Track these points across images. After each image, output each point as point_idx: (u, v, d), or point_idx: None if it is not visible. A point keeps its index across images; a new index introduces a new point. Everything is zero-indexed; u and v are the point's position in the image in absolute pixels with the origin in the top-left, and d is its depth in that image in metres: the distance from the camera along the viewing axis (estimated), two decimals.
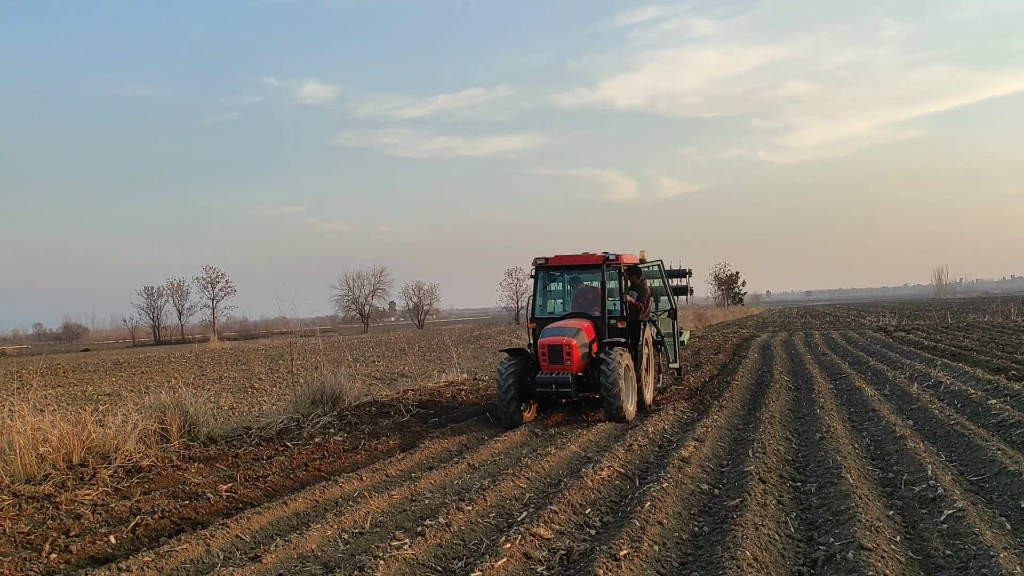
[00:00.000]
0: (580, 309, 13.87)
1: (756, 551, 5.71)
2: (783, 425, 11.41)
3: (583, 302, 13.99)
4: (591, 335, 13.05)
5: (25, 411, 9.91)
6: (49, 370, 35.35)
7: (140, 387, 22.86)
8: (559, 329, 12.83)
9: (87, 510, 7.88)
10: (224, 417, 13.42)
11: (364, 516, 7.39)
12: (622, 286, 13.89)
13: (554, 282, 14.60)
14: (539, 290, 14.31)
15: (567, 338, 12.47)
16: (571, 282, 14.45)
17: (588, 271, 14.11)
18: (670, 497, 7.38)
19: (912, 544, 6.07)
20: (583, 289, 14.25)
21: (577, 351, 12.44)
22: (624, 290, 13.88)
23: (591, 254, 13.73)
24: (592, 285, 14.11)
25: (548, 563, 5.97)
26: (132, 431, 10.51)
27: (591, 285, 14.16)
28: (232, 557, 6.44)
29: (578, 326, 12.86)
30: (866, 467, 8.62)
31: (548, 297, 14.55)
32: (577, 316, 13.55)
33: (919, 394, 13.28)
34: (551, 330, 12.91)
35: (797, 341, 31.79)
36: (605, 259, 13.49)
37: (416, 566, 5.89)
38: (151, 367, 35.99)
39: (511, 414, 12.54)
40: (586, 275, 14.26)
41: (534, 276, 14.29)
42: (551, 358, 12.52)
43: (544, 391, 12.56)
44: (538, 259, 14.11)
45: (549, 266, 14.10)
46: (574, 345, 12.41)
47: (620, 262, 13.69)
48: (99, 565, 6.34)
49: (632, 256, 14.43)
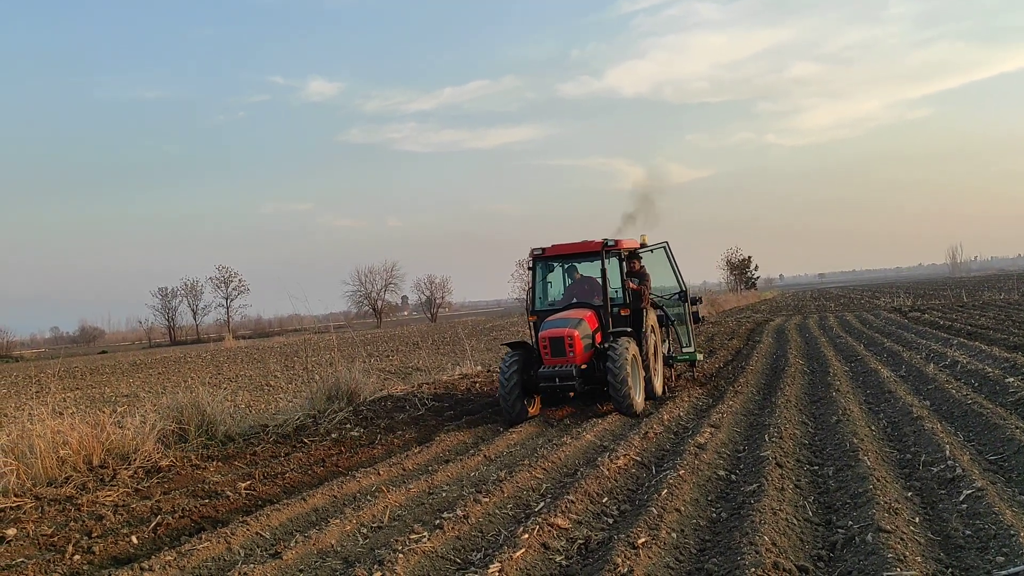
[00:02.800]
0: (581, 299, 13.44)
1: (774, 536, 5.71)
2: (799, 409, 11.38)
3: (584, 292, 13.55)
4: (594, 325, 12.61)
5: (45, 414, 10.01)
6: (67, 373, 35.65)
7: (157, 388, 23.02)
8: (560, 320, 12.38)
9: (108, 511, 7.95)
10: (241, 415, 13.50)
11: (382, 510, 7.42)
12: (623, 272, 13.38)
13: (553, 272, 14.17)
14: (538, 281, 13.86)
15: (568, 329, 11.97)
16: (570, 272, 14.02)
17: (587, 259, 13.59)
18: (687, 484, 7.38)
19: (931, 525, 6.05)
20: (583, 278, 13.84)
21: (580, 342, 11.96)
22: (625, 276, 13.39)
23: (589, 241, 13.21)
24: (591, 276, 13.69)
25: (567, 553, 5.98)
26: (151, 432, 10.59)
27: (590, 275, 13.75)
28: (253, 554, 6.49)
29: (580, 316, 12.41)
30: (883, 449, 8.59)
31: (548, 288, 14.13)
32: (579, 306, 13.09)
33: (935, 374, 13.21)
34: (552, 322, 12.46)
35: (811, 324, 31.66)
36: (604, 245, 12.94)
37: (435, 558, 5.92)
38: (167, 367, 36.23)
39: (516, 410, 12.05)
40: (585, 263, 13.79)
41: (532, 267, 13.81)
42: (553, 351, 11.98)
43: (548, 385, 11.97)
44: (535, 249, 13.59)
45: (547, 256, 13.61)
46: (576, 336, 11.91)
47: (620, 248, 13.23)
48: (122, 565, 6.40)
49: (632, 241, 14.00)
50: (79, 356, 70.67)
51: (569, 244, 13.42)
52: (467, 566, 5.83)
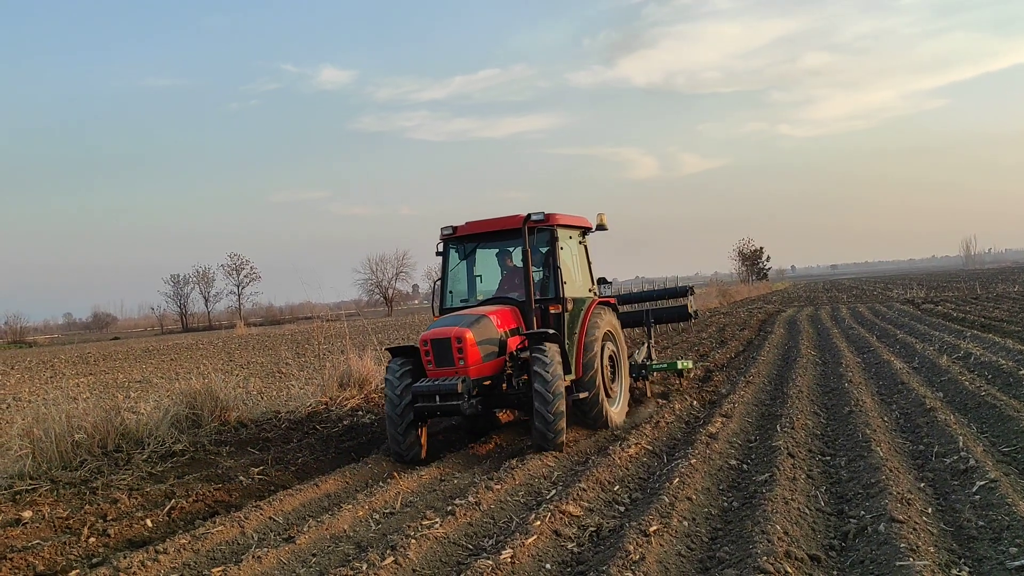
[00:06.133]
0: (505, 293, 10.54)
1: (786, 525, 5.71)
2: (811, 399, 11.35)
3: (516, 285, 10.44)
4: (508, 324, 9.63)
5: (59, 399, 10.08)
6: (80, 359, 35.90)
7: (170, 373, 23.14)
8: (452, 318, 9.46)
9: (123, 495, 8.02)
10: (253, 402, 13.56)
11: (394, 496, 7.46)
12: (556, 257, 10.06)
13: (475, 259, 11.02)
14: (449, 271, 10.72)
15: (458, 329, 8.92)
16: (502, 258, 10.92)
17: (507, 240, 10.59)
18: (698, 473, 7.38)
19: (944, 516, 6.04)
20: (517, 268, 10.62)
21: (475, 348, 8.93)
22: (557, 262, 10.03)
23: (510, 216, 10.22)
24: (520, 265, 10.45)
25: (578, 540, 6.00)
26: (164, 417, 10.66)
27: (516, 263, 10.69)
28: (266, 538, 6.53)
29: (481, 313, 9.42)
30: (896, 440, 8.56)
31: (476, 282, 11.05)
32: (497, 302, 10.20)
33: (949, 366, 13.15)
34: (443, 320, 9.62)
35: (823, 315, 31.53)
36: (526, 220, 9.88)
37: (447, 544, 5.95)
38: (180, 354, 36.43)
39: (408, 442, 9.02)
40: (507, 246, 10.77)
41: (442, 252, 10.72)
42: (437, 358, 8.99)
43: (424, 406, 8.82)
44: (446, 228, 10.58)
45: (460, 236, 10.57)
46: (468, 338, 8.85)
47: (552, 223, 10.09)
48: (137, 548, 6.47)
49: (575, 217, 10.94)
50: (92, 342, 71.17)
51: (488, 220, 10.47)
52: (479, 552, 5.86)
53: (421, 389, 8.80)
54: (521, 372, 9.28)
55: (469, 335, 8.90)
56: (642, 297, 17.64)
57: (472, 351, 8.90)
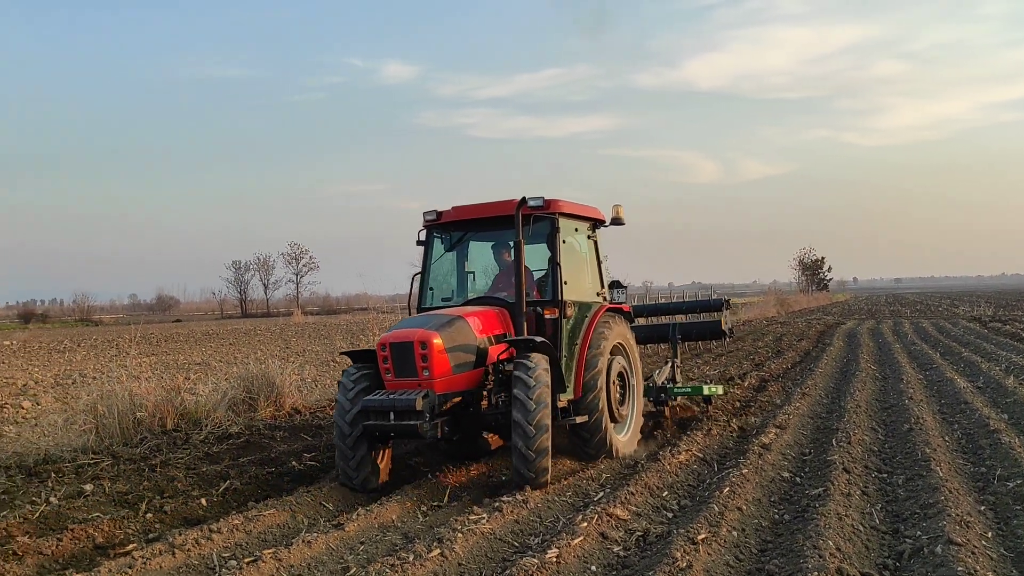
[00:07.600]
0: (495, 292, 9.11)
1: (839, 541, 5.59)
2: (869, 415, 11.09)
3: (505, 283, 9.02)
4: (491, 329, 8.17)
5: (123, 378, 10.39)
6: (143, 339, 36.89)
7: (229, 358, 23.67)
8: (422, 319, 8.04)
9: (180, 473, 8.24)
10: (308, 389, 13.80)
11: (442, 490, 7.51)
12: (556, 252, 8.57)
13: (459, 251, 9.47)
14: (431, 265, 9.32)
15: (422, 332, 7.46)
16: (498, 251, 9.40)
17: (503, 230, 9.03)
18: (750, 483, 7.27)
19: (1004, 541, 5.85)
20: (506, 261, 9.19)
21: (442, 354, 7.45)
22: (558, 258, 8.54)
23: (505, 201, 8.61)
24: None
25: (624, 543, 5.96)
26: (222, 400, 10.93)
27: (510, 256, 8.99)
28: (316, 524, 6.64)
29: (456, 314, 7.96)
30: (957, 460, 8.32)
31: (469, 279, 9.56)
32: (483, 303, 8.75)
33: (1015, 387, 12.71)
34: (408, 321, 8.24)
35: (885, 329, 30.78)
36: (520, 205, 8.24)
37: (493, 540, 5.97)
38: (238, 339, 37.24)
39: (356, 462, 7.54)
40: (503, 237, 9.22)
41: (424, 242, 9.34)
42: (397, 366, 7.55)
43: (376, 424, 7.35)
44: (428, 213, 9.13)
45: (445, 223, 9.11)
46: (433, 343, 7.37)
47: (553, 211, 8.56)
48: (191, 526, 6.63)
49: (587, 207, 9.36)
50: (155, 323, 73.12)
51: (479, 205, 8.98)
52: (525, 550, 5.87)
53: (373, 404, 7.35)
54: (502, 388, 7.71)
55: (437, 340, 7.41)
56: (669, 309, 16.34)
57: (439, 359, 7.42)
